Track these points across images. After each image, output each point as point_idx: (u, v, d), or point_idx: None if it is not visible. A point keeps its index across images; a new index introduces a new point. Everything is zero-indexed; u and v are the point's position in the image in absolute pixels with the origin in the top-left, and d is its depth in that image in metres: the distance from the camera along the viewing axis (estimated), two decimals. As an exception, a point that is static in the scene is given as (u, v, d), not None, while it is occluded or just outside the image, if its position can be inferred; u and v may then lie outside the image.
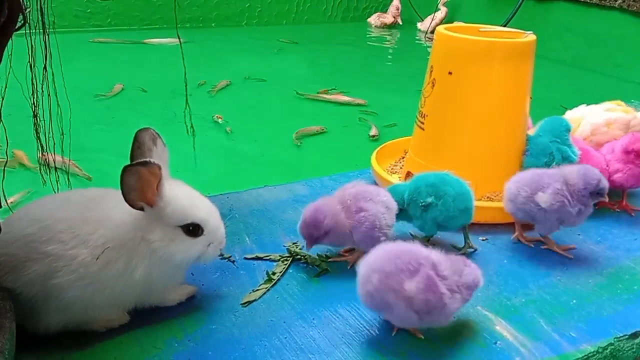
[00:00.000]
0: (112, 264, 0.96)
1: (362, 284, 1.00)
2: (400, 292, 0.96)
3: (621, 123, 1.69)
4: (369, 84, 3.32)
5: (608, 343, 1.05)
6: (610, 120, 1.69)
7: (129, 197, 0.96)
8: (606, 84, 3.43)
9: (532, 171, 1.32)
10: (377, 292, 0.98)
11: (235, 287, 1.16)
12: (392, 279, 0.97)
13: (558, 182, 1.26)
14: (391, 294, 0.97)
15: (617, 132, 1.66)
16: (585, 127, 1.70)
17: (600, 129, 1.68)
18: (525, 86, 1.53)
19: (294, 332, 1.04)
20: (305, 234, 1.20)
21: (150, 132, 1.07)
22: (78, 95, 2.79)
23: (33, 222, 0.96)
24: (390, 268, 0.98)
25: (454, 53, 1.51)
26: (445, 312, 0.99)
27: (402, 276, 0.97)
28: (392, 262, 0.98)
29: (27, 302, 0.94)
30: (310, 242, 1.21)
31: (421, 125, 1.60)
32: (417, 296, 0.96)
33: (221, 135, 2.43)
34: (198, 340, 1.01)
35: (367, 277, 0.99)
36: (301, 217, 1.21)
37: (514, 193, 1.30)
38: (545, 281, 1.23)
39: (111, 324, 1.02)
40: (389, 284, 0.97)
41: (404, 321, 1.01)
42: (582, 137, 1.67)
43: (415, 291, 0.96)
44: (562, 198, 1.25)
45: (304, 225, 1.20)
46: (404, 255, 0.99)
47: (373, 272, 0.98)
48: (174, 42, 4.01)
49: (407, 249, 1.01)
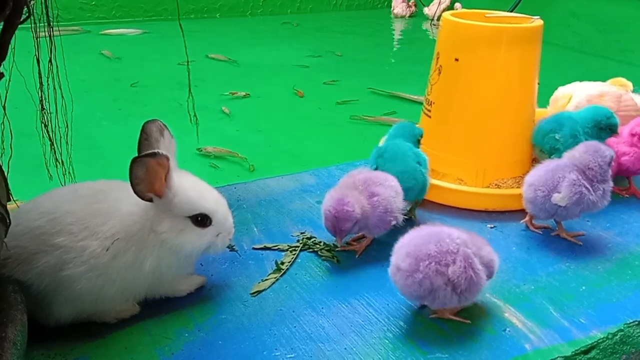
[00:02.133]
0: (122, 255, 0.96)
1: (407, 274, 0.99)
2: (447, 275, 0.98)
3: (613, 96, 1.71)
4: (375, 73, 3.31)
5: (618, 329, 1.05)
6: (604, 92, 1.71)
7: (137, 189, 0.96)
8: (614, 69, 3.40)
9: (544, 167, 1.30)
10: (426, 279, 0.98)
11: (244, 277, 1.16)
12: (440, 263, 0.98)
13: (572, 172, 1.25)
14: (439, 278, 0.98)
15: (609, 104, 1.67)
16: (580, 97, 1.72)
17: (593, 101, 1.68)
18: (533, 72, 1.52)
19: (303, 321, 1.05)
20: (336, 229, 1.18)
21: (157, 123, 1.07)
22: (85, 88, 2.81)
23: (42, 215, 0.96)
24: (435, 253, 0.98)
25: (461, 39, 1.50)
26: (480, 288, 1.02)
27: (448, 259, 0.98)
28: (435, 246, 0.99)
29: (38, 294, 0.95)
30: (342, 235, 1.19)
31: (428, 113, 1.59)
32: (461, 277, 0.98)
33: (229, 127, 2.43)
34: (208, 330, 1.02)
35: (414, 266, 0.99)
36: (325, 212, 1.19)
37: (532, 196, 1.28)
38: (554, 268, 1.22)
39: (121, 315, 1.02)
40: (438, 270, 0.98)
41: (446, 303, 1.02)
42: (575, 107, 1.69)
43: (459, 272, 0.98)
44: (580, 188, 1.23)
45: (335, 221, 1.17)
46: (442, 238, 1.00)
47: (418, 260, 0.98)
48: (135, 32, 4.03)
49: (439, 232, 1.02)
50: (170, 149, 1.06)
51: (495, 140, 1.51)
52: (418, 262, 0.98)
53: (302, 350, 0.98)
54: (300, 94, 2.79)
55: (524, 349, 0.99)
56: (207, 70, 3.19)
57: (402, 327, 1.04)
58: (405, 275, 1.00)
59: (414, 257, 0.99)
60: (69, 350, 0.96)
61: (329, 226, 1.19)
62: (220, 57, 3.48)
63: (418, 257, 0.99)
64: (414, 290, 1.00)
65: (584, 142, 1.30)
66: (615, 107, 1.65)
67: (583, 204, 1.24)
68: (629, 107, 1.71)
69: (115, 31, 4.03)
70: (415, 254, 0.99)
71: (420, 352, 0.98)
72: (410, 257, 0.99)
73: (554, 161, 1.30)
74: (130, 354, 0.96)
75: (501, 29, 1.48)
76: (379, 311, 1.08)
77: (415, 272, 0.99)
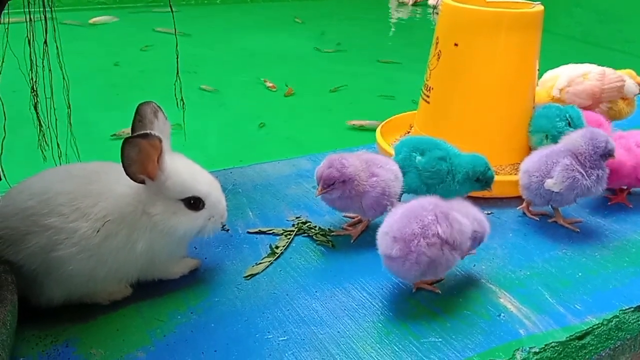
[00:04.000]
0: (113, 237, 0.96)
1: (401, 260, 0.99)
2: (438, 242, 0.99)
3: (596, 73, 1.70)
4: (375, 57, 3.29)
5: (613, 315, 1.04)
6: (586, 71, 1.70)
7: (130, 170, 0.95)
8: (617, 60, 3.38)
9: (539, 153, 1.29)
10: (421, 255, 0.98)
11: (238, 261, 1.16)
12: (428, 236, 0.99)
13: (566, 157, 1.24)
14: (433, 248, 0.99)
15: (594, 82, 1.67)
16: (562, 78, 1.71)
17: (576, 80, 1.68)
18: (533, 57, 1.51)
19: (297, 305, 1.04)
20: (324, 175, 1.16)
21: (151, 105, 1.06)
22: (83, 72, 2.80)
23: (33, 195, 0.95)
24: (419, 229, 0.99)
25: (460, 24, 1.48)
26: (469, 234, 1.03)
27: (432, 228, 0.99)
28: (416, 224, 0.99)
29: (29, 275, 0.94)
30: (325, 185, 1.17)
31: (426, 99, 1.58)
32: (452, 232, 1.00)
33: (226, 112, 2.42)
34: (201, 313, 1.01)
35: (405, 250, 0.99)
36: (322, 162, 1.19)
37: (527, 182, 1.28)
38: (550, 254, 1.21)
39: (113, 297, 1.02)
40: (429, 242, 0.98)
41: (450, 266, 1.03)
42: (559, 89, 1.69)
43: (448, 230, 1.00)
44: (573, 173, 1.22)
45: (327, 164, 1.17)
46: (418, 213, 1.01)
47: (407, 242, 0.98)
48: (113, 19, 4.01)
49: (411, 209, 1.03)
50: (165, 131, 1.05)
51: (493, 126, 1.50)
52: (408, 245, 0.98)
53: (295, 333, 0.97)
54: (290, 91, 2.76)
55: (519, 334, 0.98)
56: (208, 55, 3.17)
57: (396, 311, 1.03)
58: (400, 262, 0.99)
59: (402, 241, 0.99)
60: (60, 331, 0.95)
61: (318, 172, 1.18)
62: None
63: (406, 240, 0.98)
64: (414, 271, 1.00)
65: (585, 128, 1.29)
66: (599, 84, 1.66)
67: (577, 189, 1.23)
68: (613, 79, 1.70)
69: (100, 19, 3.97)
70: (401, 237, 0.99)
71: (413, 336, 0.97)
72: (398, 242, 0.99)
73: (549, 147, 1.29)
74: (122, 336, 0.95)
75: (501, 13, 1.46)
76: (373, 295, 1.07)
77: (408, 255, 0.98)
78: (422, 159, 1.28)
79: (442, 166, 1.26)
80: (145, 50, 3.31)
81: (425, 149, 1.29)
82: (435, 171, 1.26)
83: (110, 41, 3.55)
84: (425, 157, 1.28)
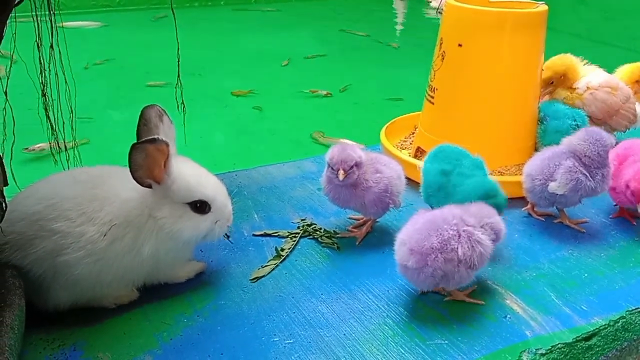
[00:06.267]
0: (119, 241, 0.96)
1: (416, 272, 0.99)
2: (455, 260, 0.98)
3: (623, 95, 1.64)
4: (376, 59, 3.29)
5: (620, 316, 1.04)
6: (616, 86, 1.65)
7: (136, 175, 0.96)
8: (623, 58, 3.35)
9: (541, 156, 1.29)
10: (437, 270, 0.98)
11: (244, 264, 1.16)
12: (446, 251, 0.98)
13: (568, 159, 1.23)
14: (449, 264, 0.98)
15: (616, 100, 1.63)
16: (595, 79, 1.64)
17: (606, 88, 1.63)
18: (537, 57, 1.50)
19: (303, 307, 1.04)
20: (343, 157, 1.15)
21: (156, 108, 1.06)
22: (86, 74, 2.81)
23: (40, 200, 0.96)
24: (439, 244, 0.98)
25: (464, 24, 1.48)
26: (489, 255, 1.03)
27: (453, 244, 0.98)
28: (436, 238, 0.98)
29: (36, 279, 0.95)
30: (347, 167, 1.15)
31: (431, 100, 1.57)
32: (472, 255, 0.99)
33: (232, 114, 2.43)
34: (207, 316, 1.01)
35: (421, 262, 0.98)
36: (332, 150, 1.18)
37: (530, 186, 1.28)
38: (556, 255, 1.21)
39: (120, 301, 1.02)
40: (446, 258, 0.98)
41: (461, 282, 1.03)
42: (587, 86, 1.63)
43: (468, 252, 0.99)
44: (576, 175, 1.22)
45: (341, 149, 1.17)
46: (439, 226, 1.00)
47: (424, 256, 0.98)
48: (94, 25, 3.98)
49: (433, 220, 1.02)
50: (170, 134, 1.06)
51: (498, 127, 1.50)
52: (424, 258, 0.98)
53: (301, 336, 0.97)
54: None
55: (525, 336, 0.98)
56: (213, 57, 3.18)
57: (402, 313, 1.03)
58: (415, 273, 1.00)
59: (419, 254, 0.98)
60: (67, 335, 0.96)
61: (332, 157, 1.16)
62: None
63: (423, 253, 0.98)
64: (428, 283, 1.01)
65: (585, 128, 1.28)
66: (620, 104, 1.62)
67: (581, 190, 1.23)
68: (632, 108, 1.66)
69: (75, 24, 3.89)
70: (419, 251, 0.98)
71: (420, 339, 0.97)
72: (415, 255, 0.99)
73: (551, 149, 1.29)
74: (129, 339, 0.95)
75: (505, 13, 1.46)
76: (378, 297, 1.07)
77: (424, 268, 0.98)
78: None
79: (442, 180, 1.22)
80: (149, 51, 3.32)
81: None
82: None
83: (110, 43, 3.56)
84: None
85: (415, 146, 1.63)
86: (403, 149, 1.68)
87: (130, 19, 4.15)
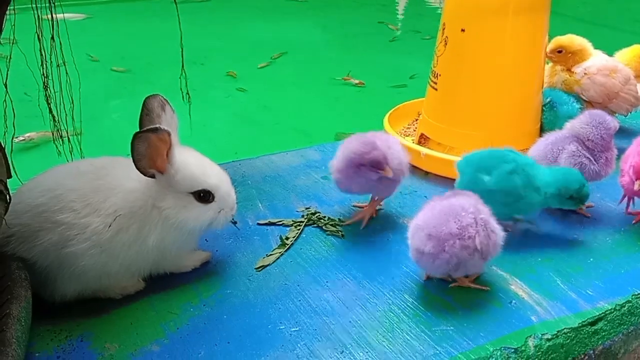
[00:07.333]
0: (125, 231, 0.96)
1: (433, 257, 0.99)
2: (472, 247, 0.98)
3: (622, 77, 1.64)
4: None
5: (625, 300, 1.03)
6: (614, 68, 1.65)
7: (139, 164, 0.95)
8: (626, 41, 3.33)
9: (544, 140, 1.28)
10: (453, 257, 0.98)
11: (249, 252, 1.16)
12: (464, 238, 0.98)
13: (572, 143, 1.23)
14: (464, 252, 0.98)
15: (615, 83, 1.62)
16: (594, 65, 1.64)
17: (603, 71, 1.62)
18: (541, 41, 1.49)
19: (308, 295, 1.04)
20: (376, 157, 1.15)
21: (158, 98, 1.06)
22: (91, 67, 2.81)
23: (44, 192, 0.96)
24: (457, 231, 0.98)
25: (466, 9, 1.47)
26: (501, 244, 1.03)
27: (470, 231, 0.98)
28: (455, 224, 0.98)
29: (42, 271, 0.95)
30: (381, 167, 1.16)
31: (434, 86, 1.57)
32: (488, 244, 1.00)
33: (235, 104, 2.42)
34: (213, 305, 1.02)
35: (438, 248, 0.98)
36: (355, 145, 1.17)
37: None
38: (561, 240, 1.21)
39: (126, 291, 1.02)
40: (463, 245, 0.98)
41: (473, 270, 1.03)
42: (584, 72, 1.63)
43: (485, 241, 0.99)
44: (580, 159, 1.21)
45: (368, 146, 1.16)
46: (458, 213, 1.00)
47: (442, 241, 0.98)
48: (78, 17, 3.96)
49: (451, 207, 1.01)
50: (172, 124, 1.05)
51: (502, 112, 1.49)
52: (442, 244, 0.98)
53: (307, 324, 0.98)
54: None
55: (530, 321, 0.98)
56: (216, 45, 3.16)
57: (407, 300, 1.03)
58: (431, 259, 0.99)
59: (436, 239, 0.98)
60: (74, 326, 0.96)
61: (377, 156, 1.16)
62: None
63: (441, 239, 0.98)
64: (442, 270, 1.01)
65: (588, 111, 1.27)
66: (620, 86, 1.60)
67: (585, 174, 1.22)
68: (632, 90, 1.65)
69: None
70: (437, 236, 0.98)
71: (425, 325, 0.97)
72: (432, 240, 0.98)
73: (554, 133, 1.28)
74: (136, 329, 0.96)
75: (508, -3, 1.44)
76: (383, 284, 1.07)
77: (440, 253, 0.98)
78: (491, 179, 1.15)
79: (516, 181, 1.14)
80: (152, 41, 3.31)
81: (492, 165, 1.16)
82: (508, 190, 1.14)
83: (112, 35, 3.55)
84: (493, 176, 1.15)
85: (419, 133, 1.63)
86: (407, 136, 1.67)
87: (114, 11, 4.12)
